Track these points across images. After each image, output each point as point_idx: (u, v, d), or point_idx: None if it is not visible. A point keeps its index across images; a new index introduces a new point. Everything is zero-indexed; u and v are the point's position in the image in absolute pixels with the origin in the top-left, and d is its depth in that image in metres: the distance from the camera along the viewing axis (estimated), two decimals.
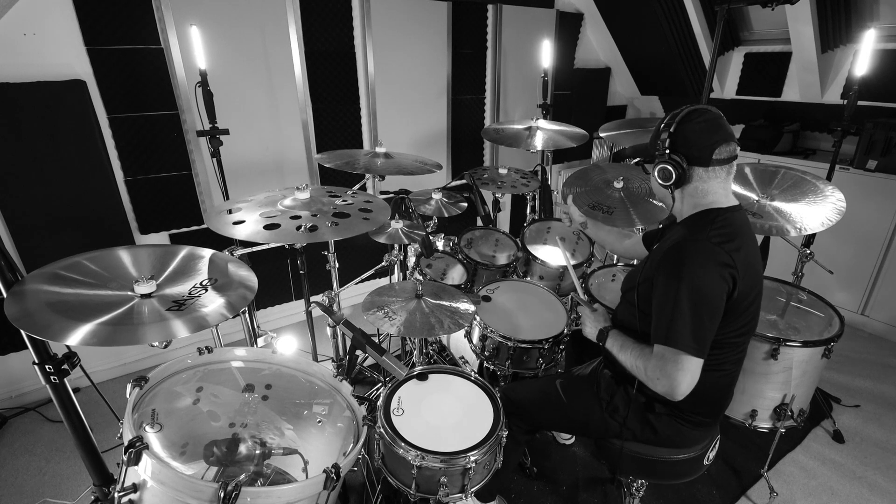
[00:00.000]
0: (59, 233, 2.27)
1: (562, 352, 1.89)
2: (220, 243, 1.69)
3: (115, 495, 1.05)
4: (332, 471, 1.08)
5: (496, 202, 2.72)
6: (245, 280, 1.33)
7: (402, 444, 1.35)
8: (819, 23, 2.94)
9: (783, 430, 1.81)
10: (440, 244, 2.33)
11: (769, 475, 2.01)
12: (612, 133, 2.76)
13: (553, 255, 2.38)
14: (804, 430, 2.31)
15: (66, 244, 2.29)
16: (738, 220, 1.28)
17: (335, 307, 2.21)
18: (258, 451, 1.33)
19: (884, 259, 2.99)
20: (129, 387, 1.18)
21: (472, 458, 1.34)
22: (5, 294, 1.08)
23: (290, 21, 2.62)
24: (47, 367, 1.12)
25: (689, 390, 1.19)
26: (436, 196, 2.37)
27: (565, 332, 1.84)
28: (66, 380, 1.17)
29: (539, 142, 2.60)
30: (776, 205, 1.98)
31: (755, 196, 2.04)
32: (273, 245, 1.88)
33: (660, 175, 1.30)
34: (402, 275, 2.23)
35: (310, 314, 2.24)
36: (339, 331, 1.54)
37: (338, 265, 2.27)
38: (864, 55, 2.13)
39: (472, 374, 1.64)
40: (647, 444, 1.44)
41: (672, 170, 1.26)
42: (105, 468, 1.30)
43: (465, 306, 1.71)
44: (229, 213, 1.58)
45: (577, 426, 1.59)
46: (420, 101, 3.30)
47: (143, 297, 1.17)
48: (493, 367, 1.86)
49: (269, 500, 1.03)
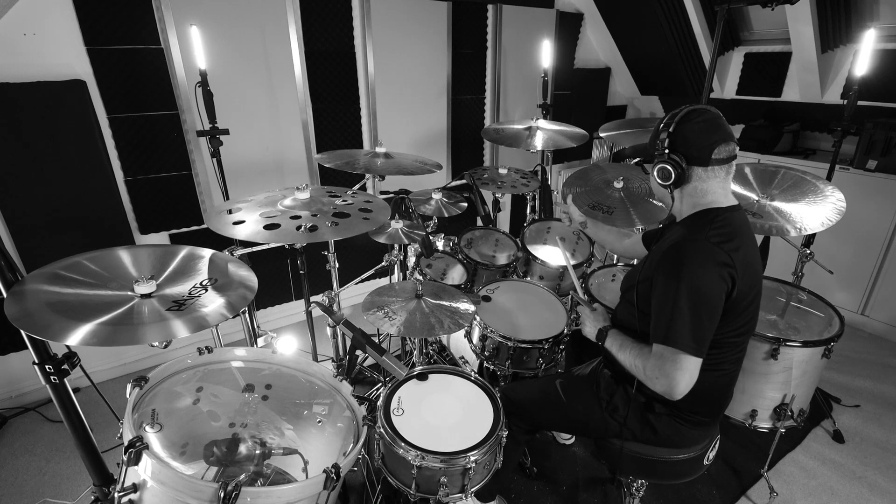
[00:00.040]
0: (59, 233, 2.27)
1: (562, 352, 1.89)
2: (220, 243, 1.69)
3: (115, 495, 1.05)
4: (332, 471, 1.08)
5: (496, 202, 2.72)
6: (245, 280, 1.33)
7: (402, 444, 1.36)
8: (819, 23, 2.94)
9: (783, 430, 1.82)
10: (440, 244, 2.33)
11: (769, 475, 2.01)
12: (612, 133, 2.76)
13: (553, 255, 2.38)
14: (804, 430, 2.31)
15: (66, 244, 2.29)
16: (737, 219, 1.28)
17: (335, 307, 2.21)
18: (258, 451, 1.33)
19: (884, 259, 2.99)
20: (129, 387, 1.18)
21: (472, 458, 1.34)
22: (5, 294, 1.08)
23: (290, 21, 2.62)
24: (47, 367, 1.13)
25: (687, 390, 1.19)
26: (436, 196, 2.37)
27: (565, 332, 1.84)
28: (66, 380, 1.17)
29: (539, 142, 2.60)
30: (776, 205, 1.98)
31: (755, 196, 2.04)
32: (273, 245, 1.88)
33: (659, 175, 1.30)
34: (402, 275, 2.23)
35: (310, 314, 2.24)
36: (339, 331, 1.54)
37: (338, 265, 2.27)
38: (864, 55, 2.13)
39: (472, 374, 1.64)
40: (646, 443, 1.44)
41: (671, 169, 1.26)
42: (105, 468, 1.30)
43: (465, 306, 1.71)
44: (229, 213, 1.59)
45: (576, 426, 1.59)
46: (420, 101, 3.30)
47: (143, 297, 1.17)
48: (493, 367, 1.87)
49: (269, 500, 1.03)
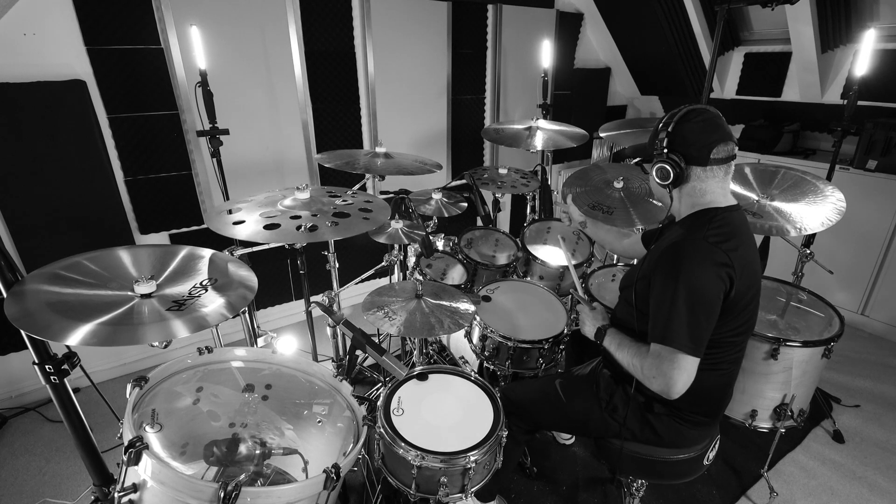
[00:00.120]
0: (59, 233, 2.27)
1: (562, 352, 1.89)
2: (220, 243, 1.69)
3: (115, 495, 1.05)
4: (332, 471, 1.08)
5: (496, 202, 2.72)
6: (245, 280, 1.33)
7: (402, 444, 1.36)
8: (819, 23, 2.94)
9: (783, 430, 1.81)
10: (440, 244, 2.33)
11: (769, 475, 2.01)
12: (612, 133, 2.76)
13: (553, 255, 2.38)
14: (804, 430, 2.31)
15: (66, 244, 2.29)
16: (736, 219, 1.28)
17: (335, 307, 2.21)
18: (258, 451, 1.33)
19: (884, 259, 2.99)
20: (129, 387, 1.18)
21: (472, 458, 1.34)
22: (5, 294, 1.08)
23: (290, 21, 2.62)
24: (47, 367, 1.13)
25: (684, 389, 1.20)
26: (436, 196, 2.37)
27: (565, 332, 1.85)
28: (66, 380, 1.17)
29: (539, 142, 2.60)
30: (776, 205, 1.97)
31: (755, 196, 2.03)
32: (273, 245, 1.88)
33: (658, 174, 1.30)
34: (402, 275, 2.23)
35: (310, 314, 2.24)
36: (339, 331, 1.54)
37: (338, 265, 2.27)
38: (864, 55, 2.13)
39: (472, 374, 1.64)
40: (646, 443, 1.44)
41: (670, 169, 1.26)
42: (105, 468, 1.30)
43: (465, 306, 1.71)
44: (229, 213, 1.59)
45: (576, 426, 1.59)
46: (420, 101, 3.30)
47: (143, 297, 1.17)
48: (493, 367, 1.87)
49: (269, 500, 1.03)
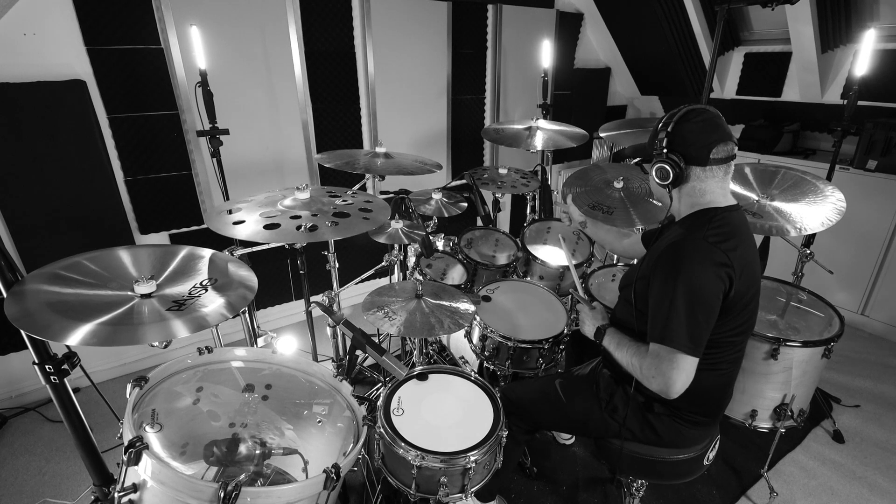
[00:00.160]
0: (59, 233, 2.27)
1: (562, 352, 1.89)
2: (220, 243, 1.69)
3: (115, 495, 1.05)
4: (332, 471, 1.08)
5: (496, 202, 2.72)
6: (245, 280, 1.33)
7: (402, 444, 1.36)
8: (819, 23, 2.94)
9: (783, 430, 1.81)
10: (440, 244, 2.33)
11: (769, 475, 2.01)
12: (612, 133, 2.76)
13: (553, 255, 2.38)
14: (804, 430, 2.31)
15: (66, 244, 2.29)
16: (735, 219, 1.28)
17: (335, 307, 2.21)
18: (258, 451, 1.33)
19: (884, 259, 2.99)
20: (129, 387, 1.18)
21: (472, 458, 1.34)
22: (5, 294, 1.08)
23: (290, 21, 2.62)
24: (47, 367, 1.13)
25: (683, 389, 1.20)
26: (436, 196, 2.37)
27: (565, 332, 1.85)
28: (66, 380, 1.17)
29: (539, 142, 2.60)
30: (776, 205, 1.97)
31: (755, 196, 2.03)
32: (273, 245, 1.88)
33: (657, 174, 1.30)
34: (402, 275, 2.23)
35: (310, 314, 2.24)
36: (339, 331, 1.54)
37: (338, 265, 2.27)
38: (864, 55, 2.13)
39: (472, 374, 1.64)
40: (646, 444, 1.44)
41: (669, 169, 1.26)
42: (105, 468, 1.30)
43: (465, 306, 1.71)
44: (229, 213, 1.59)
45: (576, 426, 1.59)
46: (420, 101, 3.30)
47: (143, 297, 1.17)
48: (493, 367, 1.87)
49: (269, 500, 1.03)
